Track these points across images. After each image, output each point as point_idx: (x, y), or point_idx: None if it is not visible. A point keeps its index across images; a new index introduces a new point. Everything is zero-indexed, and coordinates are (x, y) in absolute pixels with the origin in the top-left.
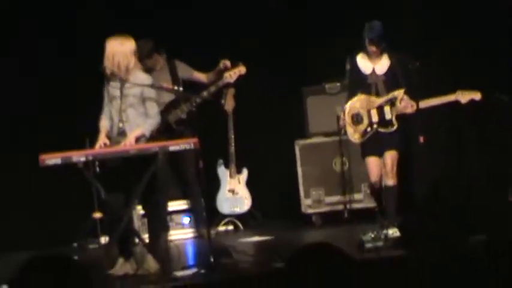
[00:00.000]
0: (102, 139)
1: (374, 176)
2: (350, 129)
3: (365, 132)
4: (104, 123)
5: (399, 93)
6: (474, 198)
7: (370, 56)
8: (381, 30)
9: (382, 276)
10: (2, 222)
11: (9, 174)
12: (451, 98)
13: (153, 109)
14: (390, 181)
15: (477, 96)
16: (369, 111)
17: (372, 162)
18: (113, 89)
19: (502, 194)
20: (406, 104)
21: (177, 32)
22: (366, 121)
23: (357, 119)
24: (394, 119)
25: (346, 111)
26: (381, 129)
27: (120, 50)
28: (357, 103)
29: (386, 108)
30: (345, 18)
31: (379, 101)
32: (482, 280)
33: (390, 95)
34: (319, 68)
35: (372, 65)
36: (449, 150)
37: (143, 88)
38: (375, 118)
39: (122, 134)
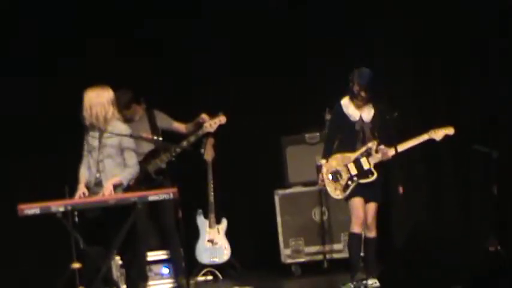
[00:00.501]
0: (81, 189)
1: (360, 215)
2: (331, 187)
3: (346, 186)
4: (83, 173)
5: (373, 143)
6: (453, 248)
7: (356, 102)
8: (371, 77)
9: None
10: None
11: None
12: (424, 137)
13: (132, 159)
14: (371, 233)
15: (450, 131)
16: (346, 166)
17: (358, 202)
18: (92, 138)
19: (481, 243)
20: (383, 152)
21: (154, 81)
22: (345, 176)
23: (335, 176)
24: (372, 168)
25: (324, 172)
26: (362, 181)
27: (97, 101)
28: (332, 162)
29: (363, 160)
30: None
31: (354, 155)
32: None
33: (364, 147)
34: (299, 117)
35: (358, 111)
36: (428, 200)
37: (122, 138)
38: (354, 171)
39: (99, 184)
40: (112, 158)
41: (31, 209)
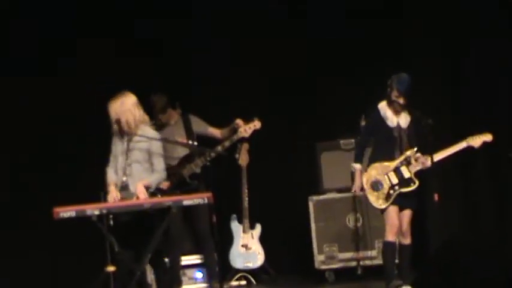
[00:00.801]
0: (113, 191)
1: (395, 223)
2: (372, 197)
3: (388, 195)
4: (112, 176)
5: (412, 152)
6: (489, 256)
7: (394, 108)
8: (410, 84)
9: None
10: (15, 275)
11: (23, 226)
12: (462, 145)
13: (160, 164)
14: (406, 240)
15: (488, 138)
16: (386, 175)
17: (392, 210)
18: (120, 143)
19: None
20: (422, 161)
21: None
22: (386, 186)
23: (376, 186)
24: (413, 176)
25: (364, 181)
26: (403, 190)
27: (123, 109)
28: (372, 171)
29: (403, 168)
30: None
31: (394, 164)
32: None
33: (403, 156)
34: (334, 124)
35: (396, 117)
36: (464, 209)
37: (151, 143)
38: (395, 180)
39: (125, 188)
40: (140, 162)
41: (66, 212)
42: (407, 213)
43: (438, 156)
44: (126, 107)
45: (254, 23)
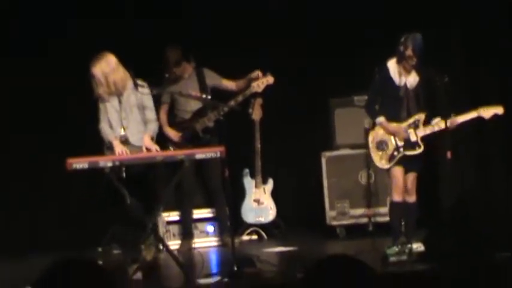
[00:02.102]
0: (118, 146)
1: (400, 184)
2: (376, 156)
3: (392, 156)
4: (109, 131)
5: (420, 116)
6: (501, 214)
7: (404, 66)
8: (423, 44)
9: None
10: (27, 225)
11: (37, 176)
12: (473, 114)
13: (153, 114)
14: (411, 198)
15: (500, 110)
16: (392, 136)
17: (398, 171)
18: (109, 102)
19: None
20: (434, 124)
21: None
22: (391, 146)
23: (381, 145)
24: (419, 140)
25: (370, 139)
26: (408, 152)
27: (109, 69)
28: (379, 130)
29: (411, 131)
30: (374, 30)
31: (403, 125)
32: None
33: (412, 119)
34: (348, 80)
35: (404, 77)
36: (476, 166)
37: (142, 98)
38: (401, 142)
39: (126, 142)
40: (134, 115)
41: (79, 163)
42: (412, 175)
43: (450, 123)
44: (112, 66)
45: None
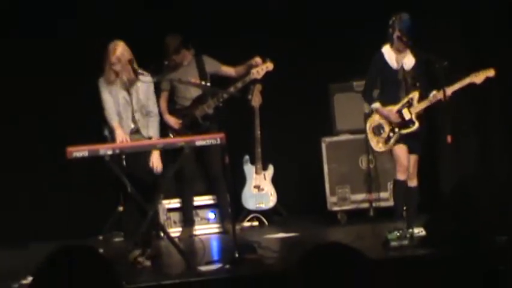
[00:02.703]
0: (121, 134)
1: (404, 162)
2: (373, 141)
3: (388, 138)
4: (115, 117)
5: (414, 94)
6: (501, 197)
7: (397, 47)
8: (411, 22)
9: (406, 275)
10: (28, 213)
11: (38, 165)
12: (466, 81)
13: (155, 107)
14: (413, 182)
15: (491, 73)
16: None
17: (401, 149)
18: (114, 90)
19: None
20: (432, 97)
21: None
22: (387, 128)
23: (378, 130)
24: (414, 117)
25: (368, 126)
26: (403, 131)
27: (125, 49)
28: (375, 116)
29: (405, 110)
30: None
31: (396, 107)
32: (506, 280)
33: (406, 99)
34: (347, 65)
35: (400, 59)
36: (477, 150)
37: (148, 88)
38: (396, 123)
39: (137, 132)
40: (143, 107)
41: (79, 152)
42: (413, 158)
43: (442, 94)
44: (130, 52)
45: None
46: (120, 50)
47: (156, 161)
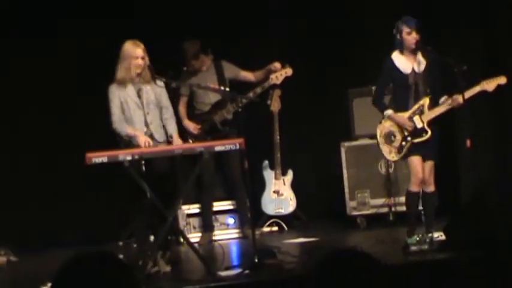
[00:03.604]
0: (143, 137)
1: (419, 174)
2: (386, 149)
3: (400, 147)
4: (126, 125)
5: (425, 100)
6: None
7: (407, 53)
8: (416, 20)
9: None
10: (48, 219)
11: (57, 170)
12: (476, 89)
13: (171, 110)
14: (429, 188)
15: (502, 80)
16: (400, 127)
17: (416, 160)
18: (125, 92)
19: None
20: (441, 104)
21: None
22: (399, 137)
23: (390, 137)
24: (426, 126)
25: (378, 133)
26: (416, 140)
27: (146, 55)
28: (386, 122)
29: (416, 118)
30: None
31: (407, 114)
32: None
33: (417, 105)
34: (366, 70)
35: (410, 63)
36: (495, 154)
37: (161, 92)
38: (408, 131)
39: (150, 137)
40: (156, 112)
41: (99, 158)
42: (428, 165)
43: (454, 101)
44: (146, 53)
45: None
46: (142, 46)
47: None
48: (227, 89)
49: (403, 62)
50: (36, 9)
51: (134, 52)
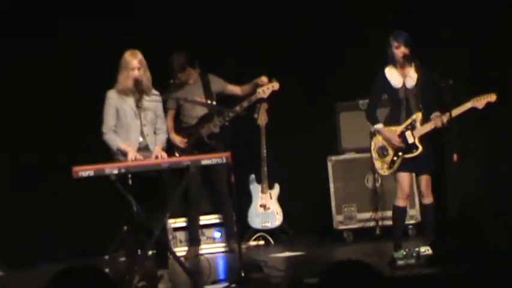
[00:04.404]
0: (132, 152)
1: (405, 189)
2: (378, 164)
3: (392, 162)
4: (117, 138)
5: (417, 115)
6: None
7: (399, 67)
8: (408, 36)
9: None
10: (34, 234)
11: (42, 185)
12: (467, 106)
13: (164, 125)
14: (428, 199)
15: (492, 98)
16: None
17: (404, 176)
18: (124, 102)
19: None
20: (434, 120)
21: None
22: (391, 151)
23: (382, 152)
24: (417, 141)
25: (372, 147)
26: (406, 155)
27: (145, 65)
28: (379, 136)
29: (408, 133)
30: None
31: (399, 129)
32: None
33: (409, 120)
34: (353, 84)
35: (402, 78)
36: (483, 169)
37: (157, 104)
38: (400, 146)
39: (145, 149)
40: (152, 123)
41: (85, 171)
42: (424, 178)
43: (445, 118)
44: (144, 63)
45: None
46: (140, 55)
47: (160, 154)
48: (214, 103)
49: (394, 76)
50: (37, 9)
51: (130, 63)
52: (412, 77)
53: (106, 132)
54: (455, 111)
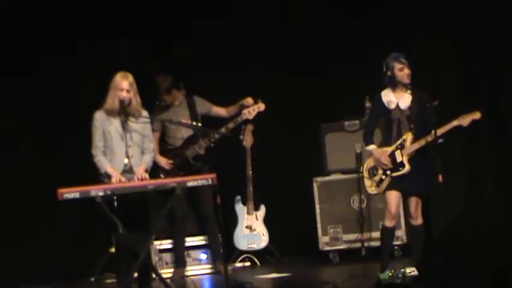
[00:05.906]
0: (116, 175)
1: (392, 209)
2: (368, 182)
3: (380, 181)
4: (104, 160)
5: (407, 135)
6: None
7: (401, 86)
8: (405, 56)
9: None
10: (21, 256)
11: (28, 207)
12: (453, 124)
13: (151, 146)
14: (417, 221)
15: (477, 116)
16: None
17: (392, 196)
18: (111, 124)
19: None
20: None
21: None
22: (380, 171)
23: (372, 171)
24: (405, 160)
25: (364, 167)
26: (394, 174)
27: (135, 88)
28: (371, 158)
29: (397, 152)
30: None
31: (390, 149)
32: None
33: (400, 140)
34: (338, 106)
35: (396, 99)
36: (467, 189)
37: (144, 126)
38: (388, 166)
39: (129, 171)
40: (138, 144)
41: (71, 193)
42: (414, 200)
43: (430, 136)
44: (135, 86)
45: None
46: (131, 78)
47: (143, 175)
48: (199, 124)
49: (390, 98)
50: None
51: (120, 84)
52: (406, 98)
53: (96, 155)
54: (441, 130)
